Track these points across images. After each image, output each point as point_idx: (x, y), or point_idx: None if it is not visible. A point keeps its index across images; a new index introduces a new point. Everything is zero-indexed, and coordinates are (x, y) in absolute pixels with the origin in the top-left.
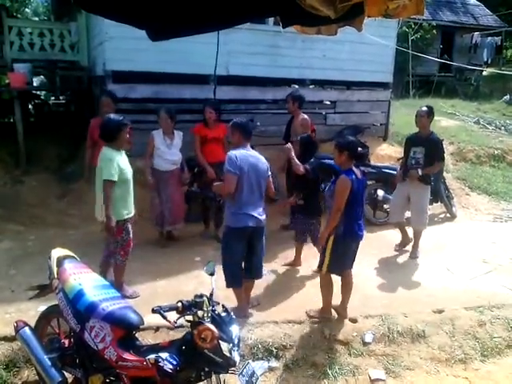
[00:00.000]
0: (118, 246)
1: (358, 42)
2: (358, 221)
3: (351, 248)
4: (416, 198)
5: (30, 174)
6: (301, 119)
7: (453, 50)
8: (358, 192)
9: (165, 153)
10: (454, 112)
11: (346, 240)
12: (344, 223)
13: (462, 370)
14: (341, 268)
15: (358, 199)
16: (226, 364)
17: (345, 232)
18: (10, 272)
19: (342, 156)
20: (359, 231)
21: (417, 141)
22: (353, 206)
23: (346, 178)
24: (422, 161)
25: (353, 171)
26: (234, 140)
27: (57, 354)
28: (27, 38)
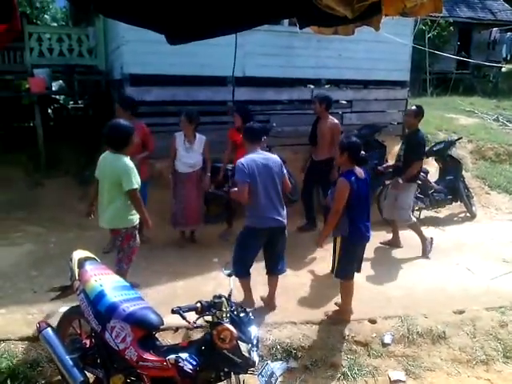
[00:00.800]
0: (125, 254)
1: (373, 40)
2: (364, 222)
3: (357, 251)
4: (397, 196)
5: (50, 177)
6: (330, 123)
7: (470, 46)
8: (361, 192)
9: (183, 156)
10: (473, 109)
11: (353, 242)
12: (349, 225)
13: (483, 371)
14: (347, 272)
15: (362, 200)
16: (245, 364)
17: (351, 234)
18: (31, 273)
19: (342, 157)
20: (366, 232)
21: (404, 138)
22: (356, 207)
23: (344, 180)
24: (402, 157)
25: (353, 172)
26: (245, 144)
27: (78, 354)
28: (46, 44)
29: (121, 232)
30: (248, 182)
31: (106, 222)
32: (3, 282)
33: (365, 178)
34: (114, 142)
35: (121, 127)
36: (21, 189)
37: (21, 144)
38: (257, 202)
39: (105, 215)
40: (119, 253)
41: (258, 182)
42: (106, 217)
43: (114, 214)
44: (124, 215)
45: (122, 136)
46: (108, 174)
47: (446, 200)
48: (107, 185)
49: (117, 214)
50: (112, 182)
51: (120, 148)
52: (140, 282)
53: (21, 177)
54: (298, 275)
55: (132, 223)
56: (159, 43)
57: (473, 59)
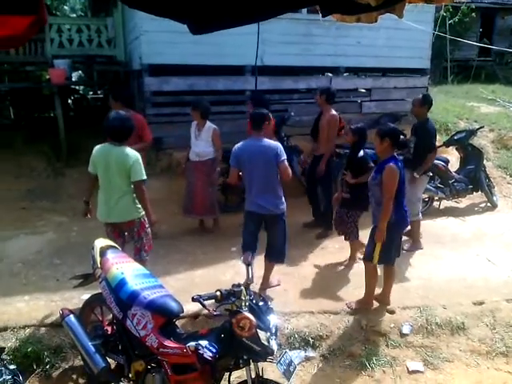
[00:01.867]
0: (143, 242)
1: (393, 27)
2: (404, 208)
3: (399, 236)
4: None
5: (71, 166)
6: (328, 116)
7: (493, 32)
8: (403, 179)
9: (193, 143)
10: (495, 98)
11: (399, 227)
12: (395, 211)
13: (503, 363)
14: (391, 257)
15: (403, 186)
16: (264, 352)
17: (397, 220)
18: (54, 262)
19: (383, 144)
20: (407, 218)
21: (413, 129)
22: (401, 194)
23: (394, 166)
24: (413, 150)
25: (397, 159)
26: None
27: (100, 340)
28: (66, 35)
29: (135, 222)
30: (236, 166)
31: (119, 216)
32: (27, 269)
33: (403, 166)
34: (118, 134)
35: (124, 119)
36: (43, 178)
37: (42, 134)
38: (247, 186)
39: (115, 210)
40: (137, 242)
41: (246, 167)
42: (117, 211)
43: (128, 207)
44: (135, 205)
45: (125, 128)
46: (116, 167)
47: (467, 190)
48: (115, 178)
49: (130, 206)
50: (121, 174)
51: (124, 140)
52: (159, 271)
53: (42, 166)
54: (316, 265)
55: (142, 211)
56: (177, 33)
57: (495, 46)
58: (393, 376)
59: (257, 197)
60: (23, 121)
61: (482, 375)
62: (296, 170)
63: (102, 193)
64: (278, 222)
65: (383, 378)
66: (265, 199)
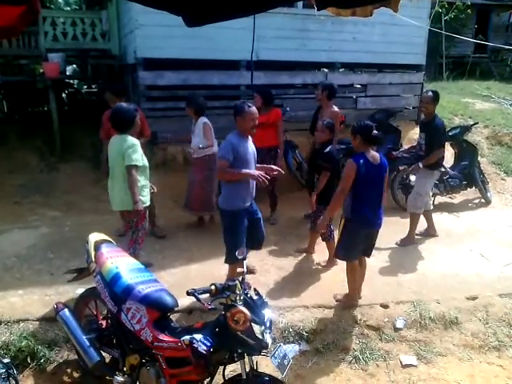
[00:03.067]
0: (139, 235)
1: (389, 23)
2: (371, 207)
3: (360, 234)
4: (416, 180)
5: (65, 161)
6: (330, 112)
7: (488, 29)
8: (370, 176)
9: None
10: (490, 94)
11: (354, 225)
12: (352, 207)
13: (495, 357)
14: (347, 254)
15: (371, 184)
16: (258, 346)
17: (353, 216)
18: (48, 256)
19: (355, 140)
20: (373, 218)
21: (422, 126)
22: (363, 191)
23: (352, 161)
24: (424, 147)
25: (364, 155)
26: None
27: (95, 334)
28: (60, 28)
29: (134, 214)
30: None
31: (118, 204)
32: (21, 264)
33: (379, 164)
34: (119, 124)
35: (124, 110)
36: (36, 173)
37: (35, 128)
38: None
39: (116, 198)
40: (134, 233)
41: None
42: (117, 199)
43: (120, 197)
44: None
45: (125, 118)
46: (115, 155)
47: (461, 186)
48: (116, 165)
49: (123, 195)
50: (117, 161)
51: (125, 130)
52: (154, 265)
53: (36, 161)
54: (309, 260)
55: (144, 204)
56: (173, 27)
57: (491, 42)
58: (386, 370)
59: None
60: (16, 115)
61: (475, 369)
62: (291, 165)
63: (110, 181)
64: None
65: (377, 371)
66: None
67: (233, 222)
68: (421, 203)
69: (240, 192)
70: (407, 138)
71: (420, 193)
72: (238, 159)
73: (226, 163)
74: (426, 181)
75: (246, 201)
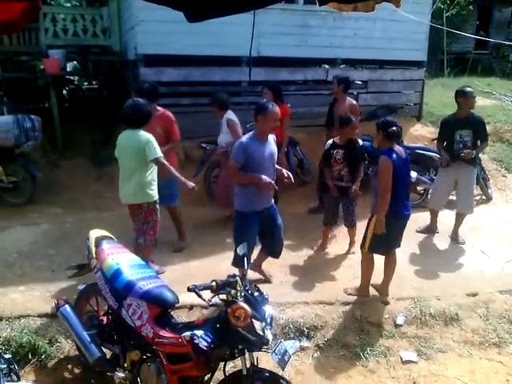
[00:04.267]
0: (149, 227)
1: (390, 19)
2: (403, 200)
3: (396, 227)
4: (465, 180)
5: (66, 158)
6: (349, 105)
7: (490, 25)
8: (401, 171)
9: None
10: (491, 91)
11: (390, 219)
12: (390, 203)
13: (496, 353)
14: (383, 247)
15: (402, 179)
16: (259, 342)
17: (390, 211)
18: (49, 252)
19: (378, 136)
20: (405, 211)
21: (461, 123)
22: (396, 186)
23: (386, 158)
24: (470, 143)
25: (394, 151)
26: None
27: (96, 330)
28: (61, 24)
29: (143, 206)
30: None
31: (128, 197)
32: (22, 260)
33: (405, 158)
34: (134, 121)
35: (140, 107)
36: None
37: None
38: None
39: (126, 191)
40: (144, 224)
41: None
42: (127, 192)
43: (136, 189)
44: (145, 190)
45: (138, 113)
46: (127, 149)
47: None
48: (126, 160)
49: (139, 188)
50: (132, 155)
51: (139, 126)
52: (154, 261)
53: (37, 157)
54: (310, 256)
55: (152, 198)
56: (173, 23)
57: (492, 39)
58: (387, 366)
59: None
60: None
61: (475, 365)
62: (292, 162)
63: (120, 175)
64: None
65: (377, 367)
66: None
67: (242, 223)
68: (473, 202)
69: (252, 194)
70: (408, 135)
71: (473, 192)
72: (251, 162)
73: (237, 165)
74: (474, 178)
75: (260, 204)
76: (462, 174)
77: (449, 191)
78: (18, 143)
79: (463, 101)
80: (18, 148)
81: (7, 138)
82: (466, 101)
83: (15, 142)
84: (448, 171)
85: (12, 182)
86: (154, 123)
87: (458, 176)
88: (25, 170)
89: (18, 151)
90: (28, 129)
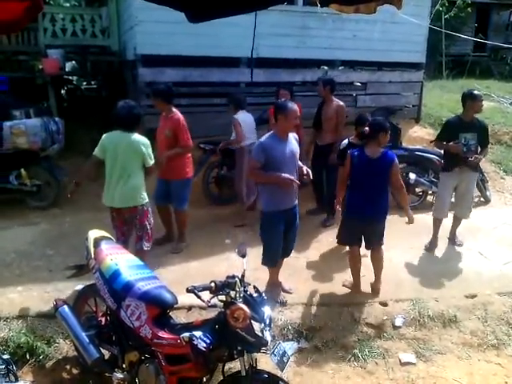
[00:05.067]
0: (145, 231)
1: (389, 21)
2: (365, 199)
3: (354, 224)
4: (467, 186)
5: (64, 157)
6: (336, 105)
7: (488, 28)
8: (364, 170)
9: None
10: (489, 93)
11: (348, 214)
12: (348, 197)
13: (494, 355)
14: (346, 240)
15: (365, 177)
16: (257, 343)
17: (347, 206)
18: (47, 252)
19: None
20: (367, 209)
21: (466, 126)
22: (354, 182)
23: (348, 154)
24: (475, 147)
25: (361, 148)
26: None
27: (94, 331)
28: (59, 24)
29: (137, 209)
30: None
31: (122, 201)
32: (20, 260)
33: (377, 159)
34: (125, 122)
35: (132, 108)
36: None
37: None
38: None
39: (120, 195)
40: (139, 230)
41: None
42: (121, 196)
43: (132, 193)
44: (140, 192)
45: (131, 115)
46: (126, 153)
47: None
48: (124, 161)
49: (135, 191)
50: (131, 157)
51: (132, 128)
52: (153, 262)
53: None
54: (307, 257)
55: (146, 199)
56: (172, 24)
57: (491, 41)
58: (385, 368)
59: None
60: None
61: (473, 367)
62: None
63: (109, 178)
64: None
65: (376, 369)
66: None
67: (268, 223)
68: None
69: (276, 193)
70: (407, 136)
71: (472, 197)
72: (272, 162)
73: (257, 164)
74: (475, 183)
75: (284, 203)
76: (464, 179)
77: (450, 196)
78: (45, 146)
79: (471, 104)
80: (44, 151)
81: (35, 141)
82: (473, 104)
83: (42, 145)
84: (450, 176)
85: (36, 185)
86: (164, 125)
87: (460, 181)
88: (49, 174)
89: (42, 154)
90: (53, 132)
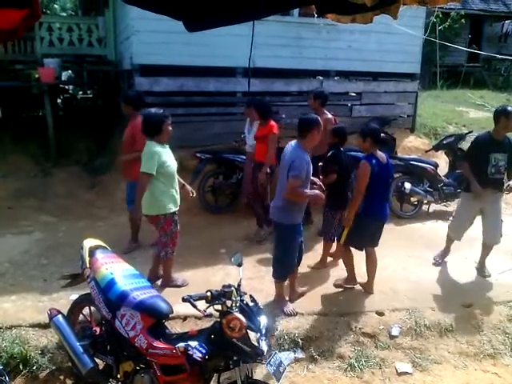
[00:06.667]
0: (168, 239)
1: (384, 32)
2: (380, 202)
3: (371, 227)
4: (494, 209)
5: (59, 166)
6: (324, 119)
7: (482, 39)
8: (381, 175)
9: (246, 137)
10: (483, 103)
11: (366, 218)
12: (364, 202)
13: (491, 365)
14: (358, 243)
15: (381, 182)
16: (253, 353)
17: (364, 210)
18: (41, 262)
19: (365, 142)
20: (381, 212)
21: (497, 146)
22: (374, 188)
23: (366, 162)
24: (504, 169)
25: (374, 156)
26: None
27: (89, 341)
28: (56, 34)
29: (160, 219)
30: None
31: (144, 209)
32: (14, 269)
33: (386, 163)
34: (146, 130)
35: (152, 115)
36: (31, 178)
37: (30, 133)
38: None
39: (144, 202)
40: (163, 237)
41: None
42: (144, 204)
43: (148, 201)
44: (158, 201)
45: (152, 123)
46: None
47: (456, 193)
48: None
49: (150, 200)
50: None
51: (151, 135)
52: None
53: (31, 166)
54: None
55: (169, 210)
56: (169, 33)
57: (484, 52)
58: (382, 377)
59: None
60: (11, 120)
61: (470, 377)
62: None
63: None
64: (277, 231)
65: (372, 379)
66: (272, 205)
67: (289, 236)
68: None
69: (299, 207)
70: (402, 146)
71: (500, 220)
72: (306, 177)
73: (300, 183)
74: (501, 206)
75: (301, 215)
76: (490, 201)
77: (472, 219)
78: None
79: (505, 121)
80: None
81: None
82: (508, 122)
83: None
84: (474, 197)
85: None
86: (128, 130)
87: (486, 203)
88: None
89: None
90: None
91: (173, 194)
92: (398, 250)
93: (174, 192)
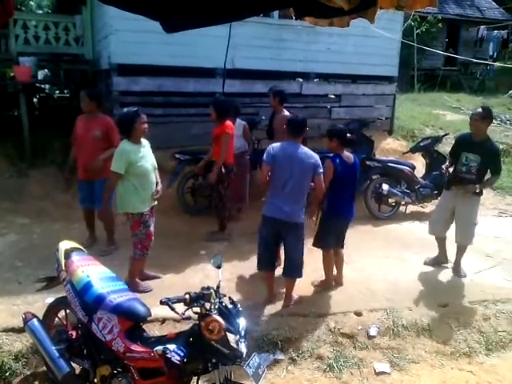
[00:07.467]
0: (137, 239)
1: (362, 35)
2: (345, 201)
3: (335, 225)
4: (464, 209)
5: (35, 167)
6: (281, 118)
7: (458, 43)
8: (344, 174)
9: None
10: (460, 106)
11: (331, 216)
12: (328, 201)
13: (466, 363)
14: (323, 243)
15: (346, 181)
16: (232, 355)
17: (329, 209)
18: (16, 264)
19: (331, 143)
20: (346, 211)
21: (471, 146)
22: (338, 186)
23: (329, 162)
24: (475, 170)
25: (339, 156)
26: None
27: (65, 345)
28: (32, 31)
29: (129, 216)
30: (269, 164)
31: (118, 206)
32: None
33: (353, 164)
34: (120, 130)
35: (121, 116)
36: (5, 179)
37: (5, 133)
38: (274, 189)
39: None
40: (132, 236)
41: (276, 169)
42: (117, 201)
43: (118, 199)
44: (126, 200)
45: (124, 123)
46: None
47: (432, 195)
48: None
49: (120, 198)
50: None
51: (126, 134)
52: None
53: (5, 167)
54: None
55: (137, 209)
56: (148, 33)
57: (460, 56)
58: (360, 378)
59: (283, 202)
60: None
61: (446, 375)
62: None
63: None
64: (292, 230)
65: (351, 379)
66: (288, 204)
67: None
68: (473, 233)
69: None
70: (380, 148)
71: (475, 222)
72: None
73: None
74: (475, 208)
75: None
76: (461, 202)
77: (448, 217)
78: None
79: (472, 122)
80: None
81: None
82: (473, 122)
83: None
84: (449, 194)
85: None
86: (91, 127)
87: (457, 203)
88: None
89: None
90: None
91: (142, 194)
92: (376, 250)
93: (144, 192)
